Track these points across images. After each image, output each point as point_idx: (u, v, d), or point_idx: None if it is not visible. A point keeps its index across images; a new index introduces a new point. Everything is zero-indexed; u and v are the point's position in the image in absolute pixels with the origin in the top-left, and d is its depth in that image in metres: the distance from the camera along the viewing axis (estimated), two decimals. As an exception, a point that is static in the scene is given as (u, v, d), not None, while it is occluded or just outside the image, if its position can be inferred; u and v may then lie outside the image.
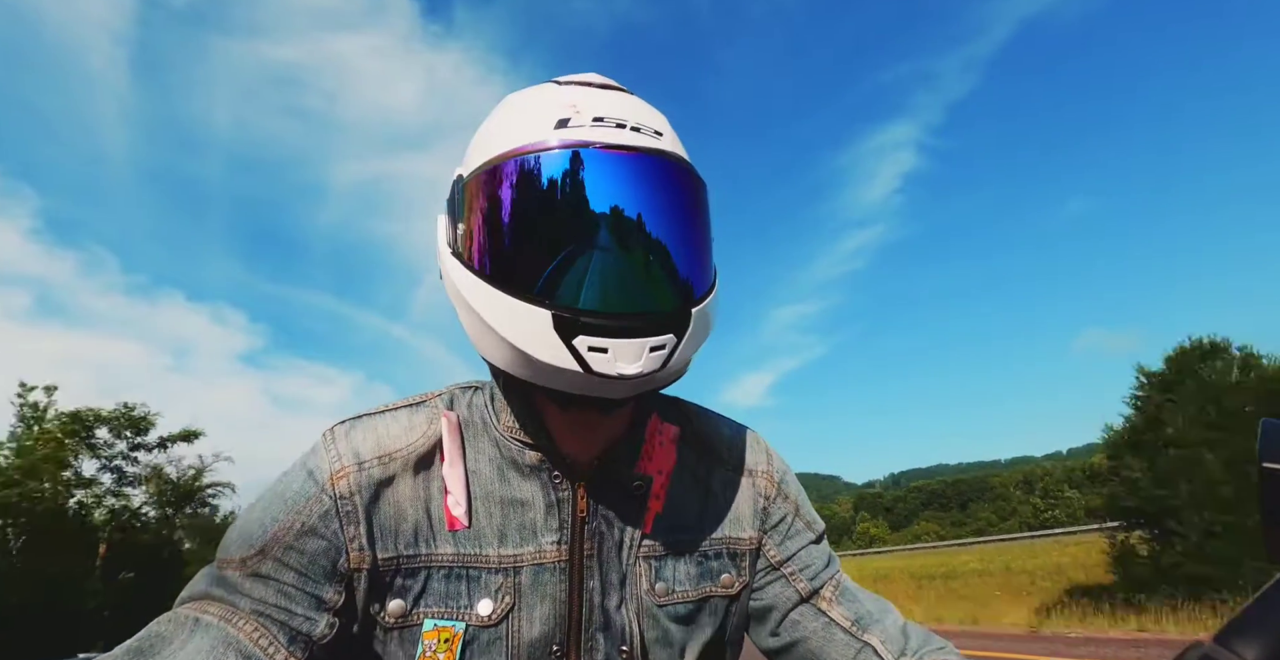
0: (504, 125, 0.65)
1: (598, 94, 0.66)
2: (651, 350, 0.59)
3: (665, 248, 0.62)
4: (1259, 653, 0.45)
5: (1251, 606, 0.47)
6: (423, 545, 0.65)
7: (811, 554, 0.77)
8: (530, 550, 0.66)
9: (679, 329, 0.61)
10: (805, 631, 0.74)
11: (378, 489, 0.65)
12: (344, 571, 0.63)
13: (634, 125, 0.63)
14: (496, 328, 0.59)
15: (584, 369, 0.57)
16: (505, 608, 0.65)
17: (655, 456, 0.73)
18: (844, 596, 0.75)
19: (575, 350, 0.57)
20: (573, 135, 0.61)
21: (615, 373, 0.57)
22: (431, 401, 0.73)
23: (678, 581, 0.71)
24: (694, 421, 0.80)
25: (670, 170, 0.63)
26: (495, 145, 0.63)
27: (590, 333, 0.57)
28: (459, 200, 0.65)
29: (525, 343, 0.58)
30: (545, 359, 0.58)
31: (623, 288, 0.60)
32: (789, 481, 0.81)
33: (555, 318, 0.57)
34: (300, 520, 0.63)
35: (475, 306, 0.61)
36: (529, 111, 0.65)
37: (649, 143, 0.62)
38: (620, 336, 0.57)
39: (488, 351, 0.64)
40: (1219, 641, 0.47)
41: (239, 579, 0.62)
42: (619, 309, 0.59)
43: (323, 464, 0.65)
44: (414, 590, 0.64)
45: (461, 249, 0.64)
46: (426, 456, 0.68)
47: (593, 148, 0.60)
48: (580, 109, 0.63)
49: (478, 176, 0.63)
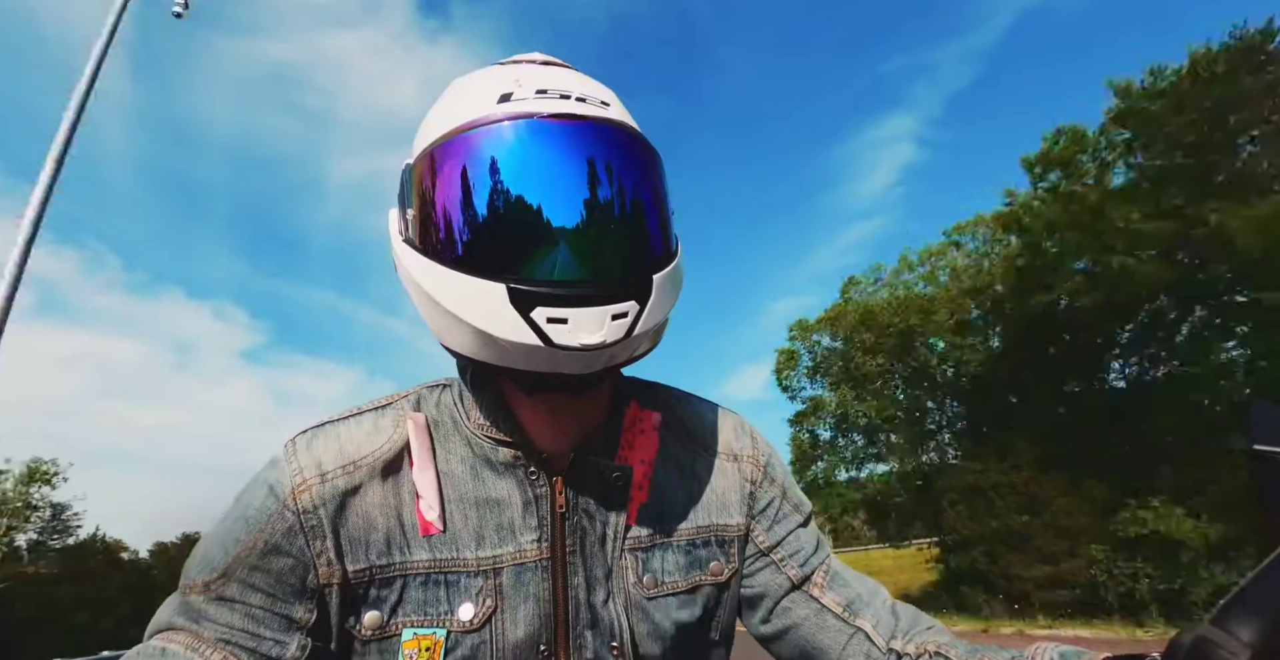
0: (447, 107, 0.64)
1: (540, 69, 0.65)
2: (613, 318, 0.56)
3: (620, 214, 0.60)
4: (1254, 633, 0.45)
5: (1246, 587, 0.47)
6: (396, 553, 0.63)
7: (801, 538, 0.76)
8: (510, 550, 0.64)
9: (640, 296, 0.59)
10: (797, 618, 0.73)
11: (344, 499, 0.62)
12: (314, 588, 0.61)
13: (579, 96, 0.61)
14: (451, 308, 0.57)
15: (544, 341, 0.55)
16: (487, 611, 0.63)
17: (637, 444, 0.71)
18: (835, 581, 0.75)
19: (534, 322, 0.55)
20: (516, 108, 0.59)
21: (577, 343, 0.55)
22: (397, 403, 0.70)
23: (666, 572, 0.69)
24: (675, 407, 0.78)
25: (618, 137, 0.61)
26: (439, 126, 0.61)
27: (548, 303, 0.55)
28: (407, 187, 0.63)
29: (482, 320, 0.56)
30: (503, 335, 0.55)
31: (578, 256, 0.57)
32: (775, 464, 0.80)
33: (510, 290, 0.55)
34: (263, 539, 0.60)
35: (429, 289, 0.59)
36: (471, 90, 0.63)
37: (595, 111, 0.61)
38: (579, 305, 0.55)
39: (446, 336, 0.62)
40: (1215, 623, 0.46)
41: (203, 605, 0.60)
42: (576, 277, 0.57)
43: (283, 478, 0.62)
44: (390, 600, 0.62)
45: (412, 234, 0.62)
46: (394, 461, 0.65)
47: (537, 118, 0.58)
48: (522, 82, 0.61)
49: (422, 158, 0.61)
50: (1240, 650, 0.44)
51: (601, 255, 0.59)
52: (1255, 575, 0.47)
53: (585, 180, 0.58)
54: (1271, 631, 0.44)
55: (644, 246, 0.61)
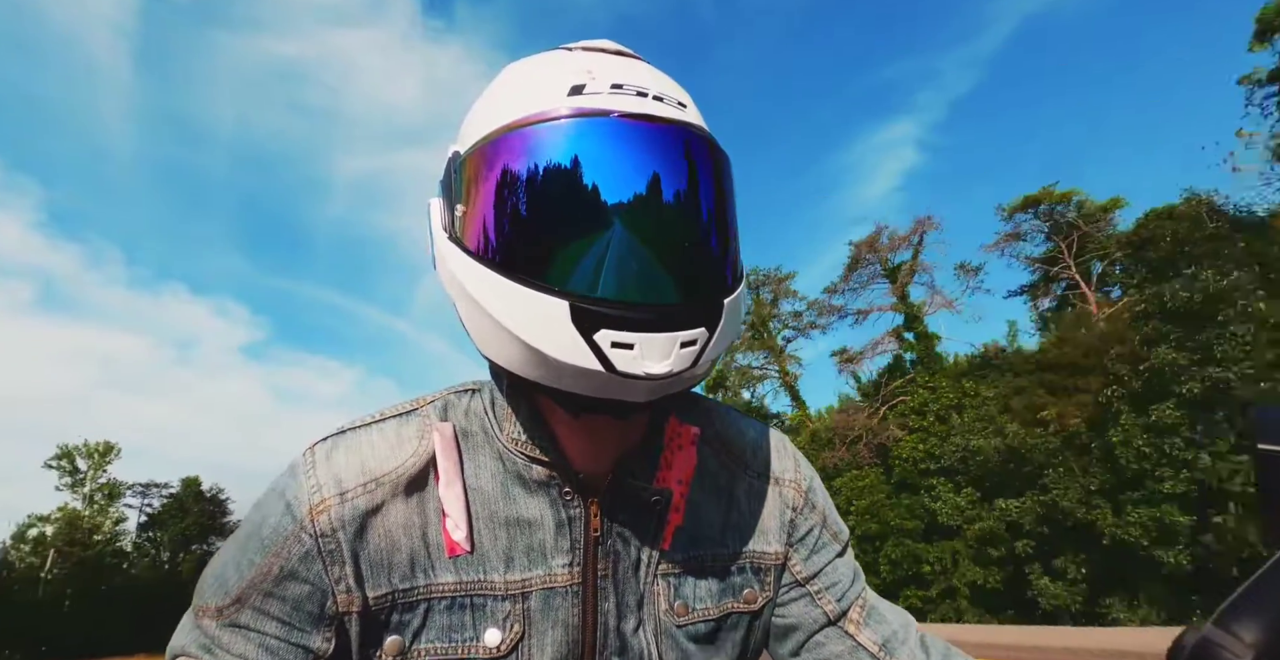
0: (508, 94, 0.58)
1: (613, 60, 0.59)
2: (682, 346, 0.52)
3: (695, 230, 0.55)
4: (1256, 634, 0.47)
5: (1248, 589, 0.49)
6: (420, 576, 0.59)
7: (838, 569, 0.73)
8: (539, 574, 0.61)
9: (711, 322, 0.54)
10: (829, 654, 0.70)
11: (364, 520, 0.58)
12: (332, 615, 0.57)
13: (656, 94, 0.56)
14: (504, 321, 0.52)
15: (606, 368, 0.50)
16: (515, 637, 0.60)
17: (675, 463, 0.68)
18: (871, 617, 0.72)
19: (596, 346, 0.50)
20: (590, 103, 0.54)
21: (642, 372, 0.50)
22: (423, 410, 0.65)
23: (698, 599, 0.67)
24: (715, 422, 0.73)
25: (698, 144, 0.56)
26: (499, 116, 0.56)
27: (614, 325, 0.50)
28: (456, 179, 0.58)
29: (537, 338, 0.51)
30: (561, 357, 0.51)
31: (650, 275, 0.52)
32: (816, 490, 0.76)
33: (574, 308, 0.50)
34: (279, 563, 0.56)
35: (478, 297, 0.54)
36: (536, 78, 0.58)
37: (674, 113, 0.56)
38: (648, 330, 0.50)
39: (491, 348, 0.56)
40: (1217, 624, 0.49)
41: (217, 632, 0.55)
42: (646, 299, 0.52)
43: (301, 494, 0.58)
44: (413, 625, 0.58)
45: (461, 233, 0.56)
46: (419, 477, 0.61)
47: (613, 117, 0.53)
48: (596, 74, 0.56)
49: (480, 150, 0.55)
50: (1243, 651, 0.46)
51: (675, 276, 0.53)
52: (1258, 576, 0.49)
53: (663, 192, 0.53)
54: (1275, 632, 0.46)
55: (717, 268, 0.57)
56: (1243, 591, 0.49)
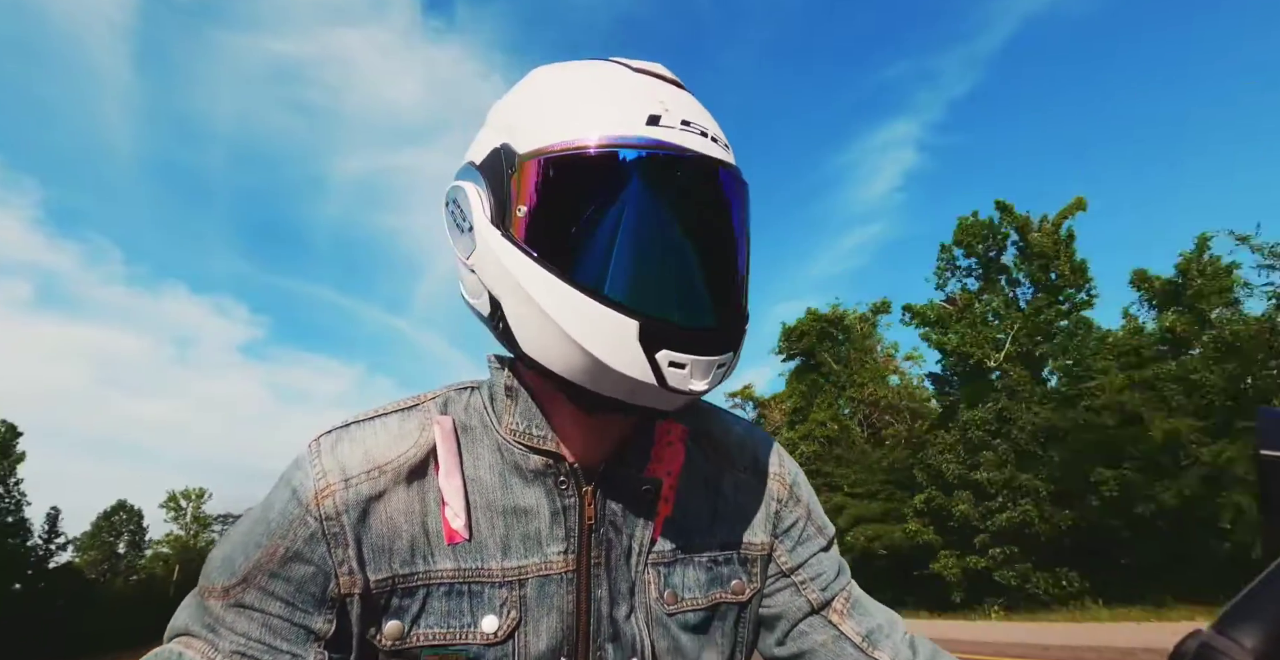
0: (584, 105, 0.59)
1: (677, 93, 0.63)
2: (717, 367, 0.58)
3: (734, 264, 0.61)
4: (1257, 640, 0.45)
5: (1249, 594, 0.47)
6: (420, 562, 0.61)
7: (823, 562, 0.76)
8: (535, 561, 0.64)
9: (738, 346, 0.61)
10: (814, 643, 0.72)
11: (367, 506, 0.61)
12: (334, 597, 0.59)
13: (713, 136, 0.61)
14: (569, 329, 0.55)
15: (660, 383, 0.55)
16: (511, 623, 0.62)
17: (664, 457, 0.70)
18: (855, 609, 0.74)
19: (656, 363, 0.54)
20: (668, 137, 0.57)
21: (688, 388, 0.56)
22: (424, 405, 0.68)
23: (687, 588, 0.69)
24: (704, 420, 0.77)
25: (739, 185, 0.62)
26: (576, 127, 0.57)
27: (674, 347, 0.55)
28: (513, 175, 0.58)
29: (603, 350, 0.54)
30: (623, 370, 0.54)
31: (708, 303, 0.59)
32: (801, 484, 0.79)
33: (643, 328, 0.54)
34: (284, 545, 0.59)
35: (540, 301, 0.56)
36: (615, 97, 0.59)
37: (726, 156, 0.61)
38: (700, 353, 0.56)
39: (540, 349, 0.58)
40: (1217, 629, 0.47)
41: (221, 611, 0.58)
42: (704, 324, 0.58)
43: (307, 481, 0.61)
44: (412, 610, 0.61)
45: (519, 231, 0.57)
46: (420, 467, 0.64)
47: (690, 154, 0.58)
48: (669, 107, 0.59)
49: (557, 158, 0.56)
50: (1245, 656, 0.44)
51: (725, 305, 0.60)
52: (1260, 581, 0.47)
53: (719, 227, 0.60)
54: (1276, 638, 0.44)
55: (745, 297, 0.63)
56: (1244, 596, 0.47)
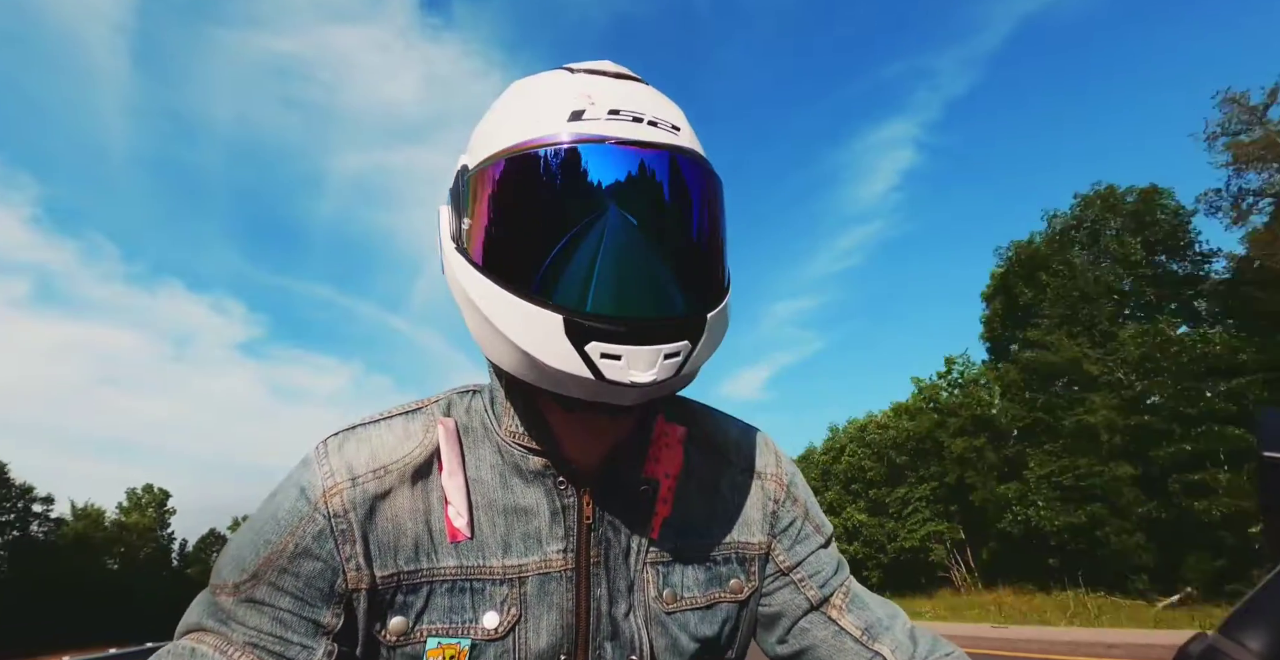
0: (513, 114, 0.62)
1: (613, 84, 0.63)
2: (666, 357, 0.56)
3: (681, 249, 0.59)
4: (1263, 643, 0.45)
5: (1255, 597, 0.48)
6: (424, 559, 0.63)
7: (821, 559, 0.76)
8: (535, 559, 0.65)
9: (694, 335, 0.58)
10: (814, 639, 0.73)
11: (374, 504, 0.63)
12: (342, 592, 0.61)
13: (651, 119, 0.59)
14: (504, 330, 0.57)
15: (596, 376, 0.55)
16: (511, 620, 0.63)
17: (662, 458, 0.71)
18: (854, 604, 0.74)
19: (587, 356, 0.54)
20: (587, 129, 0.57)
21: (628, 380, 0.55)
22: (428, 408, 0.70)
23: (686, 587, 0.69)
24: (701, 422, 0.78)
25: (686, 167, 0.60)
26: (504, 136, 0.60)
27: (603, 338, 0.54)
28: (464, 192, 0.62)
29: (534, 347, 0.55)
30: (555, 365, 0.55)
31: (637, 291, 0.57)
32: (798, 484, 0.80)
33: (567, 322, 0.54)
34: (294, 541, 0.60)
35: (481, 307, 0.58)
36: (540, 101, 0.62)
37: (666, 138, 0.59)
38: (634, 343, 0.55)
39: (492, 352, 0.61)
40: (1224, 632, 0.47)
41: (232, 606, 0.60)
42: (633, 314, 0.56)
43: (315, 480, 0.63)
44: (416, 606, 0.62)
45: (466, 244, 0.61)
46: (424, 467, 0.65)
47: (608, 143, 0.57)
48: (595, 100, 0.59)
49: (485, 169, 0.59)
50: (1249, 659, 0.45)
51: (661, 293, 0.58)
52: (1265, 584, 0.48)
53: (651, 213, 0.57)
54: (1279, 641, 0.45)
55: (702, 284, 0.61)
56: (1250, 600, 0.48)
